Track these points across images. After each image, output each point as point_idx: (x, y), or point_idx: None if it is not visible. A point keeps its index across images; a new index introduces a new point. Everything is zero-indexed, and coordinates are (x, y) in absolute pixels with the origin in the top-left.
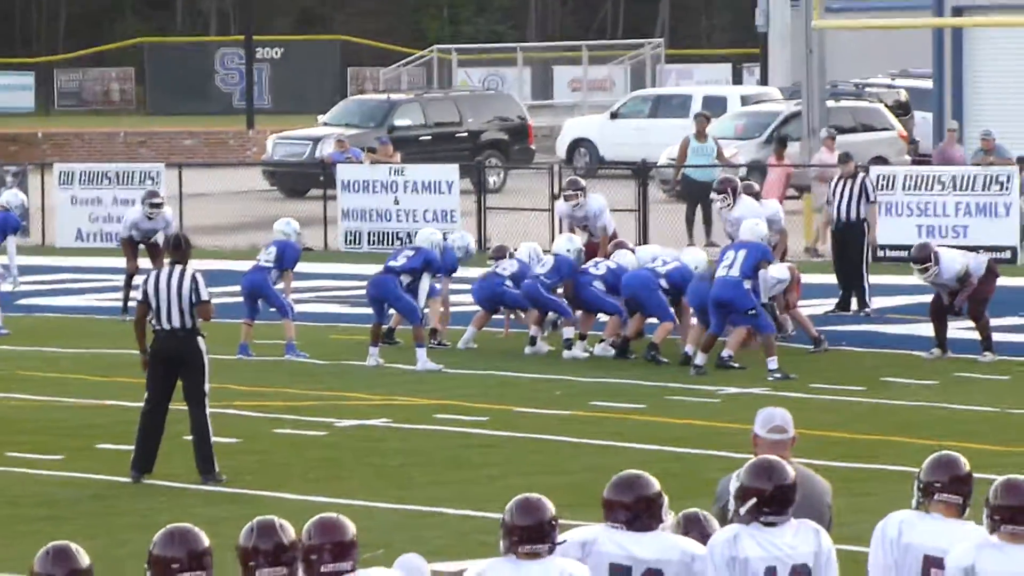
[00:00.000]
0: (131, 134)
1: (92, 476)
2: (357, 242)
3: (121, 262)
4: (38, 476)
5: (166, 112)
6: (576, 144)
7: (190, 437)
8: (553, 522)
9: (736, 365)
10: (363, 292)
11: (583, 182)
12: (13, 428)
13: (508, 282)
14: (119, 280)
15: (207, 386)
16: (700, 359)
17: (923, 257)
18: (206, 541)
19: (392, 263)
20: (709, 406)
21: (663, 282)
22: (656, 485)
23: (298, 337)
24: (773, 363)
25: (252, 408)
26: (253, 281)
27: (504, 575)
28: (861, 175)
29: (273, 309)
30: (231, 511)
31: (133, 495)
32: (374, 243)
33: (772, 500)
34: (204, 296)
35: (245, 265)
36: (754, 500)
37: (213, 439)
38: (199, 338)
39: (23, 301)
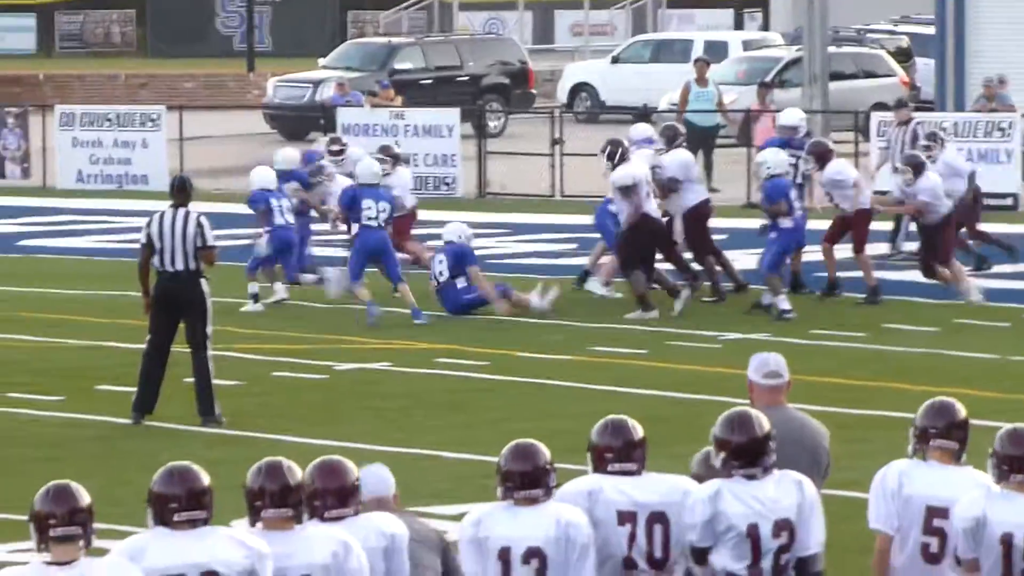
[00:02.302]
0: (132, 76)
1: (93, 417)
2: None
3: (117, 204)
4: (39, 417)
5: (166, 55)
6: (577, 89)
7: (191, 380)
8: (548, 467)
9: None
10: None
11: (396, 150)
12: (14, 369)
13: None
14: (119, 222)
15: (209, 329)
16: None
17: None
18: (206, 480)
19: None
20: (710, 351)
21: None
22: (640, 429)
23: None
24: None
25: (252, 351)
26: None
27: (500, 521)
28: (914, 122)
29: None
30: (231, 453)
31: (134, 436)
32: None
33: (741, 452)
34: (210, 241)
35: (244, 208)
36: (723, 454)
37: (214, 382)
38: (202, 281)
39: (23, 243)
